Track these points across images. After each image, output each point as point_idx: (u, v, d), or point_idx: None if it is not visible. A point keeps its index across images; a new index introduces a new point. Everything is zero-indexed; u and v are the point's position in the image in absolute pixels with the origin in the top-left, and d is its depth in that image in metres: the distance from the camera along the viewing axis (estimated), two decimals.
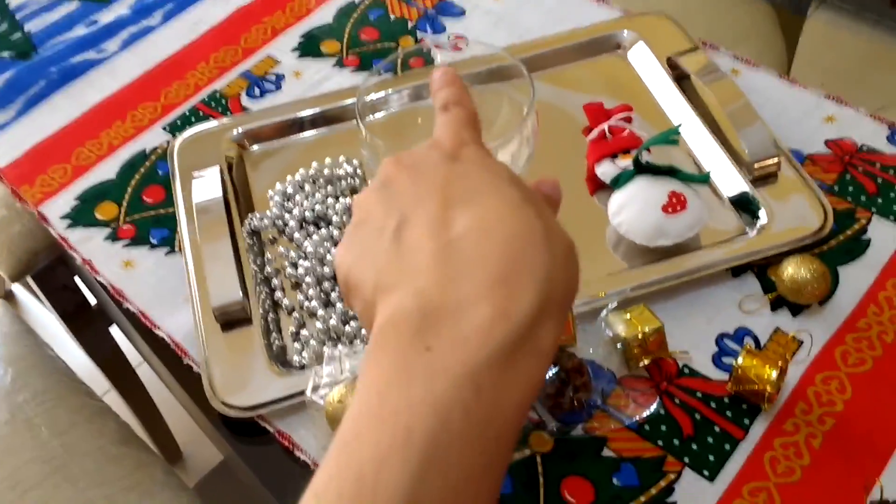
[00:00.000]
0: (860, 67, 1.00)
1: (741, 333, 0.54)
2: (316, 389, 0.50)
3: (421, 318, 0.31)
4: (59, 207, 0.66)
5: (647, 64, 0.70)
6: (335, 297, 0.57)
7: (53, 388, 0.72)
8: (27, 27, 0.81)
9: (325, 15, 0.80)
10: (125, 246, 0.63)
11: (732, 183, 0.61)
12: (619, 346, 0.51)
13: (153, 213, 0.65)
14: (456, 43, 0.59)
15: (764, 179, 0.60)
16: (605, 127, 0.63)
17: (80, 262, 0.62)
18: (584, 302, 0.54)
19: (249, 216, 0.62)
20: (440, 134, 0.38)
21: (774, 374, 0.48)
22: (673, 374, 0.52)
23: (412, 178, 0.35)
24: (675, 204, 0.56)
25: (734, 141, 0.62)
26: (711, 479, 0.48)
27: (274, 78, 0.74)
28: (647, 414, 0.49)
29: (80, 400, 0.72)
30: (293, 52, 0.76)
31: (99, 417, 0.71)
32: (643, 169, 0.58)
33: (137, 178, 0.67)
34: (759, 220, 0.58)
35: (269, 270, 0.59)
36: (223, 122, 0.69)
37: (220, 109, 0.72)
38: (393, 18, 0.78)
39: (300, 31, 0.78)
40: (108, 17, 0.81)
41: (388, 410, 0.29)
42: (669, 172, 0.58)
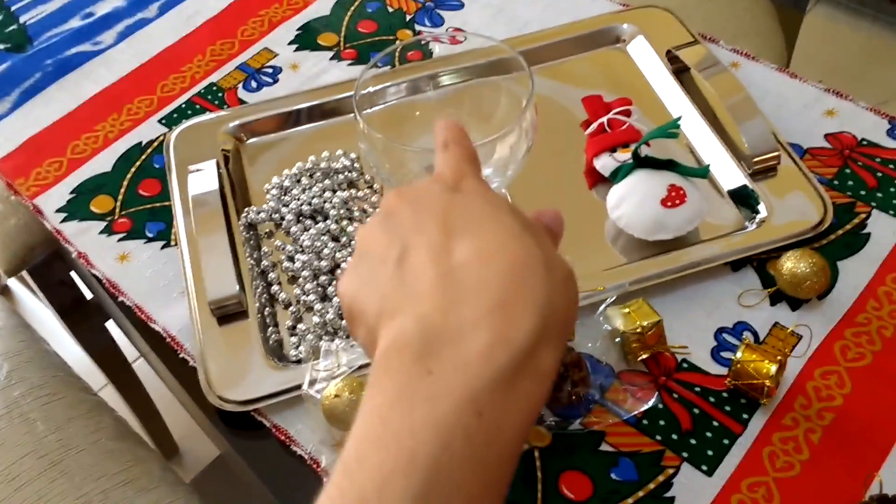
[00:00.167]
0: (859, 63, 1.00)
1: (740, 328, 0.53)
2: (313, 384, 0.50)
3: (423, 342, 0.31)
4: (54, 200, 0.66)
5: (646, 57, 0.69)
6: (332, 290, 0.57)
7: (50, 383, 0.72)
8: (22, 19, 0.81)
9: (322, 7, 0.79)
10: (121, 239, 0.62)
11: (732, 177, 0.61)
12: (617, 340, 0.51)
13: (149, 206, 0.64)
14: (454, 35, 0.59)
15: (763, 173, 0.60)
16: (604, 120, 0.63)
17: (75, 255, 0.62)
18: (582, 296, 0.53)
19: (246, 210, 0.62)
20: (441, 168, 0.39)
21: (773, 368, 0.48)
22: (672, 368, 0.52)
23: (414, 208, 0.36)
24: (674, 197, 0.56)
25: (734, 134, 0.62)
26: (710, 473, 0.47)
27: (271, 70, 0.74)
28: (645, 408, 0.49)
29: (76, 395, 0.72)
30: (290, 44, 0.76)
31: (95, 412, 0.71)
32: (642, 162, 0.58)
33: (133, 171, 0.67)
34: (758, 213, 0.58)
35: (265, 264, 0.59)
36: (220, 114, 0.69)
37: (216, 102, 0.71)
38: (391, 11, 0.78)
39: (297, 23, 0.78)
40: (103, 9, 0.81)
41: (390, 433, 0.30)
42: (669, 166, 0.58)
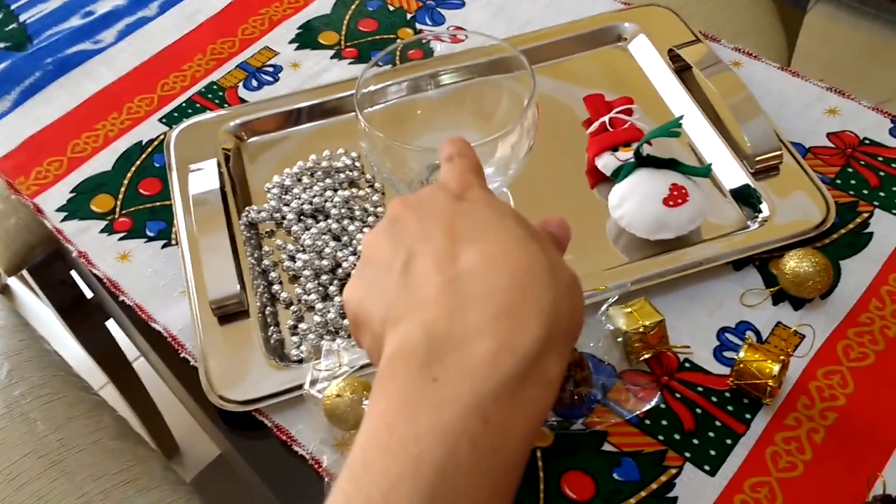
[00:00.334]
0: (860, 62, 1.00)
1: (742, 327, 0.53)
2: (314, 383, 0.50)
3: (428, 349, 0.31)
4: (54, 199, 0.65)
5: (648, 56, 0.69)
6: (333, 290, 0.57)
7: (50, 382, 0.72)
8: (22, 17, 0.81)
9: (323, 5, 0.79)
10: (121, 238, 0.62)
11: (734, 176, 0.60)
12: (619, 339, 0.51)
13: (149, 205, 0.64)
14: (455, 34, 0.59)
15: (766, 172, 0.60)
16: (605, 119, 0.63)
17: (75, 254, 0.62)
18: (584, 296, 0.53)
19: (247, 209, 0.61)
20: (446, 177, 0.39)
21: (776, 368, 0.47)
22: (674, 368, 0.52)
23: (419, 216, 0.36)
24: (676, 197, 0.56)
25: (736, 133, 0.62)
26: (712, 473, 0.47)
27: (271, 69, 0.74)
28: (647, 408, 0.49)
29: (76, 394, 0.72)
30: (291, 43, 0.76)
31: (96, 412, 0.71)
32: (644, 161, 0.58)
33: (134, 170, 0.67)
34: (760, 213, 0.58)
35: (266, 263, 0.59)
36: (220, 113, 0.69)
37: (217, 101, 0.71)
38: (392, 9, 0.78)
39: (298, 21, 0.78)
40: (103, 7, 0.81)
41: (395, 441, 0.30)
42: (670, 165, 0.57)
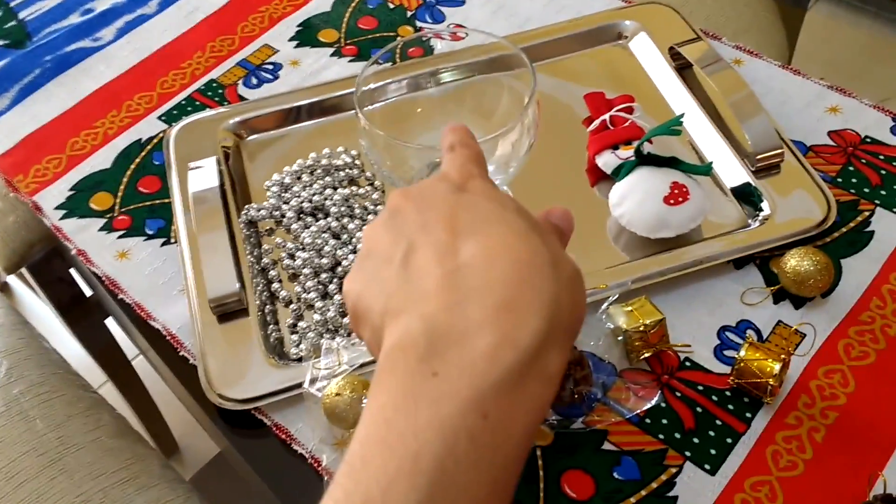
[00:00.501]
0: (861, 60, 1.00)
1: (743, 326, 0.53)
2: (313, 382, 0.49)
3: (428, 342, 0.31)
4: (53, 197, 0.65)
5: (648, 54, 0.69)
6: (333, 288, 0.56)
7: (49, 380, 0.72)
8: (22, 15, 0.81)
9: (322, 3, 0.79)
10: (120, 236, 0.62)
11: (735, 174, 0.60)
12: (620, 338, 0.51)
13: (149, 203, 0.64)
14: (456, 32, 0.59)
15: (767, 170, 0.60)
16: (606, 117, 0.62)
17: (74, 252, 0.62)
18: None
19: (246, 207, 0.61)
20: (447, 168, 0.39)
21: (777, 367, 0.47)
22: (674, 366, 0.52)
23: (419, 207, 0.36)
24: (676, 195, 0.56)
25: (737, 132, 0.62)
26: (713, 472, 0.47)
27: (271, 67, 0.73)
28: (647, 407, 0.49)
29: (75, 392, 0.72)
30: (290, 40, 0.76)
31: (95, 410, 0.70)
32: (645, 160, 0.57)
33: (133, 167, 0.67)
34: (761, 211, 0.58)
35: (266, 262, 0.59)
36: (220, 111, 0.68)
37: (216, 99, 0.71)
38: (392, 7, 0.78)
39: (297, 19, 0.77)
40: (103, 5, 0.80)
41: (395, 435, 0.30)
42: (671, 163, 0.57)
